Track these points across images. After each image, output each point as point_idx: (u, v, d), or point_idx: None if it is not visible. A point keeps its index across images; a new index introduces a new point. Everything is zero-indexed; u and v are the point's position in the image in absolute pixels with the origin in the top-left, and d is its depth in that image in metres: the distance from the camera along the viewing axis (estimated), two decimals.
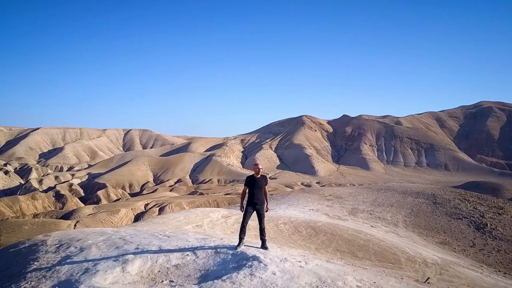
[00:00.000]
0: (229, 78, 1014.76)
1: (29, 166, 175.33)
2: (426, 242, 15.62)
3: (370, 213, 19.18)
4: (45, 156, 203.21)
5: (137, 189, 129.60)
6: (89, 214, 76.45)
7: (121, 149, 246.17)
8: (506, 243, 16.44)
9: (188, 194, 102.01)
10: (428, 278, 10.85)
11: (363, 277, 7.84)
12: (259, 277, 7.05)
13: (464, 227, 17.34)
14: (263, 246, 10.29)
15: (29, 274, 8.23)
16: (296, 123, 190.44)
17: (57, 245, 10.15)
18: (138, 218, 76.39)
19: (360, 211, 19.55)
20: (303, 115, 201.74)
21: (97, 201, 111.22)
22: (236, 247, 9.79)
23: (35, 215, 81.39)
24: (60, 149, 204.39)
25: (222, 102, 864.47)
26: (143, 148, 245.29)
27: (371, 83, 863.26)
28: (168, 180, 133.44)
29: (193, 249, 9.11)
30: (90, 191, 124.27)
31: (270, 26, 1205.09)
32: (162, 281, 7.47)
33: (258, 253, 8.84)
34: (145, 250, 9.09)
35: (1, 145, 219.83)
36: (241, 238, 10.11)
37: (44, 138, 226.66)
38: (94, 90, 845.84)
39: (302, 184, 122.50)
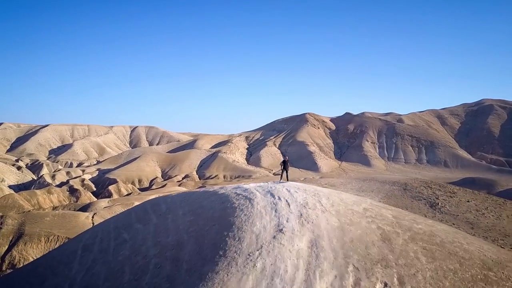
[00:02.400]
0: (234, 77, 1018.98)
1: (40, 162, 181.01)
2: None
3: (356, 195, 23.67)
4: (54, 153, 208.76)
5: (146, 184, 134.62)
6: (105, 207, 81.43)
7: (128, 145, 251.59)
8: (448, 216, 20.99)
9: (196, 189, 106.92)
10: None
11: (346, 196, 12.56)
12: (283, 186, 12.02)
13: (422, 205, 21.94)
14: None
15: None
16: (300, 120, 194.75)
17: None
18: None
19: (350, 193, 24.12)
20: (306, 113, 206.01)
21: (109, 195, 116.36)
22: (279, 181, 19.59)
23: (54, 208, 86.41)
24: (69, 146, 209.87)
25: (226, 100, 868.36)
26: (149, 145, 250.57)
27: (374, 80, 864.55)
28: (176, 175, 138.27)
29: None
30: (101, 186, 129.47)
31: (274, 24, 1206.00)
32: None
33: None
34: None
35: (12, 142, 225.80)
36: (281, 177, 21.51)
37: (53, 135, 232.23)
38: (100, 87, 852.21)
39: (305, 180, 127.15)
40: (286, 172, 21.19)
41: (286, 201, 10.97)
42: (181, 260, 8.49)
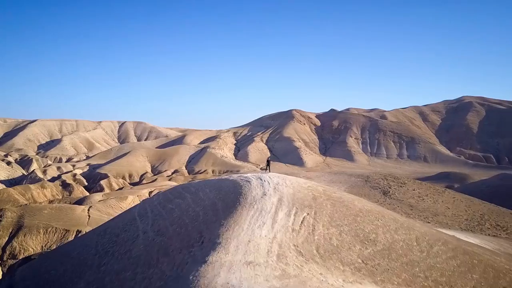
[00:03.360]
0: (221, 72, 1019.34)
1: (29, 157, 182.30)
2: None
3: (328, 185, 28.46)
4: (43, 148, 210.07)
5: (136, 179, 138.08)
6: (100, 200, 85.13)
7: (116, 140, 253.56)
8: (395, 201, 25.93)
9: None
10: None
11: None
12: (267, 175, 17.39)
13: (377, 193, 26.91)
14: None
15: None
16: (286, 117, 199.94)
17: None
18: None
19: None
20: (292, 109, 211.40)
21: (100, 189, 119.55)
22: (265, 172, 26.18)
23: (50, 202, 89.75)
24: (58, 141, 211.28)
25: (214, 95, 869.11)
26: (137, 140, 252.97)
27: (360, 77, 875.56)
28: (165, 170, 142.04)
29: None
30: (93, 180, 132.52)
31: (261, 22, 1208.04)
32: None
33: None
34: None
35: (0, 137, 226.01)
36: (265, 170, 28.02)
37: (42, 130, 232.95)
38: (87, 82, 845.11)
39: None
40: (269, 166, 27.72)
41: (268, 182, 17.61)
42: (218, 210, 14.28)
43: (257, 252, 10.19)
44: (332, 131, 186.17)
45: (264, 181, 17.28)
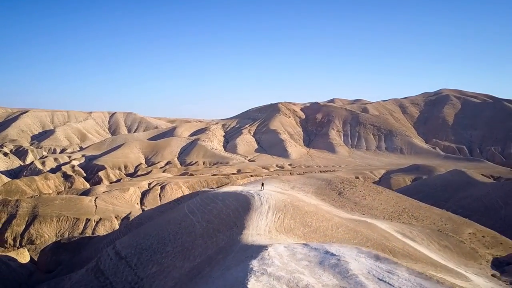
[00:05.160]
0: (208, 62, 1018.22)
1: (24, 148, 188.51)
2: (317, 198, 34.75)
3: (300, 188, 37.90)
4: (37, 139, 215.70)
5: (131, 170, 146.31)
6: (104, 192, 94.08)
7: (107, 131, 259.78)
8: (346, 199, 35.68)
9: (180, 175, 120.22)
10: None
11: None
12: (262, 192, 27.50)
13: (334, 193, 36.55)
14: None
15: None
16: (273, 110, 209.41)
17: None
18: (144, 194, 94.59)
19: (296, 187, 38.35)
20: (279, 103, 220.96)
21: (99, 180, 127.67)
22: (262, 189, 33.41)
23: (59, 193, 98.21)
24: (51, 132, 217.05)
25: (201, 85, 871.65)
26: (128, 131, 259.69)
27: (346, 69, 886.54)
28: (158, 162, 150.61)
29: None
30: (90, 171, 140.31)
31: (248, 15, 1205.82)
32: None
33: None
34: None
35: None
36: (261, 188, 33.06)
37: (34, 121, 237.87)
38: (76, 70, 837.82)
39: (276, 166, 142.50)
40: (263, 187, 34.87)
41: (263, 197, 27.46)
42: (240, 211, 23.88)
43: (260, 230, 19.94)
44: (316, 124, 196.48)
45: (261, 196, 26.38)
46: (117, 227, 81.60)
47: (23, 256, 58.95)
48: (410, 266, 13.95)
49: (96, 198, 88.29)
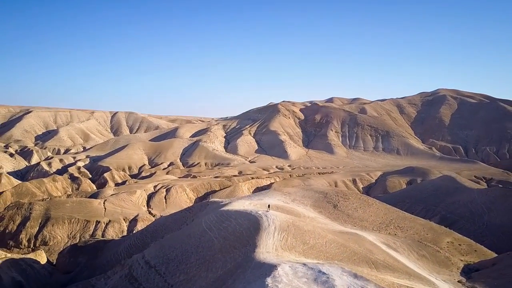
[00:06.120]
0: (207, 59, 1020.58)
1: (29, 148, 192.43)
2: (314, 211, 38.96)
3: (299, 201, 42.09)
4: (41, 139, 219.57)
5: (135, 171, 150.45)
6: (112, 194, 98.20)
7: (109, 131, 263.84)
8: (340, 212, 39.88)
9: (183, 177, 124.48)
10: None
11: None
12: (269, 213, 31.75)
13: (330, 206, 40.73)
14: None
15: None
16: (272, 110, 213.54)
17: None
18: (150, 197, 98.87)
19: (296, 200, 42.54)
20: (278, 103, 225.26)
21: (104, 182, 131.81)
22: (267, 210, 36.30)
23: (69, 196, 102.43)
24: (55, 132, 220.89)
25: (202, 84, 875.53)
26: (129, 130, 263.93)
27: (345, 68, 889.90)
28: (162, 163, 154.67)
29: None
30: (96, 173, 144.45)
31: (247, 14, 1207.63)
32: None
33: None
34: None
35: None
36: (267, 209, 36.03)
37: (37, 121, 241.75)
38: (76, 69, 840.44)
39: (276, 167, 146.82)
40: (269, 208, 36.34)
41: (270, 218, 30.75)
42: (251, 230, 28.18)
43: (269, 248, 24.15)
44: (315, 125, 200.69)
45: (268, 217, 29.72)
46: (125, 228, 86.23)
47: (41, 258, 63.16)
48: (381, 281, 18.19)
49: (105, 200, 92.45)
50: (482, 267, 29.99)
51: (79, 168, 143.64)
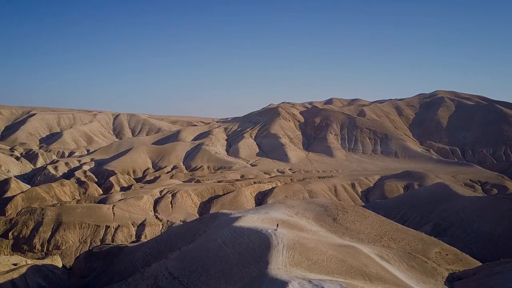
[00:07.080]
0: (209, 61, 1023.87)
1: (34, 151, 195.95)
2: (316, 225, 42.69)
3: (302, 214, 45.87)
4: (45, 142, 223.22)
5: (139, 174, 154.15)
6: (120, 200, 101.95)
7: (112, 133, 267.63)
8: (339, 225, 43.59)
9: (187, 181, 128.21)
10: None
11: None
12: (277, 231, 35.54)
13: (330, 219, 44.47)
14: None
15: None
16: (273, 113, 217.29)
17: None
18: (156, 202, 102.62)
19: (299, 213, 46.28)
20: (278, 106, 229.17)
21: (110, 186, 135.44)
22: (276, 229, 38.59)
23: (78, 201, 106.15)
24: (59, 135, 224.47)
25: (202, 84, 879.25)
26: (132, 133, 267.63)
27: (344, 68, 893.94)
28: (165, 166, 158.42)
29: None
30: (101, 176, 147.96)
31: (247, 14, 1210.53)
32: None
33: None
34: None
35: (1, 131, 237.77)
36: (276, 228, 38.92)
37: (41, 124, 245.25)
38: (78, 68, 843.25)
39: (277, 171, 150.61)
40: (277, 227, 37.96)
41: (278, 236, 33.30)
42: (263, 248, 31.85)
43: (279, 265, 27.92)
44: (314, 128, 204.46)
45: (277, 236, 32.55)
46: (134, 233, 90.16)
47: (57, 262, 67.09)
48: None
49: (114, 206, 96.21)
50: (464, 276, 33.68)
51: (85, 172, 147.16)
